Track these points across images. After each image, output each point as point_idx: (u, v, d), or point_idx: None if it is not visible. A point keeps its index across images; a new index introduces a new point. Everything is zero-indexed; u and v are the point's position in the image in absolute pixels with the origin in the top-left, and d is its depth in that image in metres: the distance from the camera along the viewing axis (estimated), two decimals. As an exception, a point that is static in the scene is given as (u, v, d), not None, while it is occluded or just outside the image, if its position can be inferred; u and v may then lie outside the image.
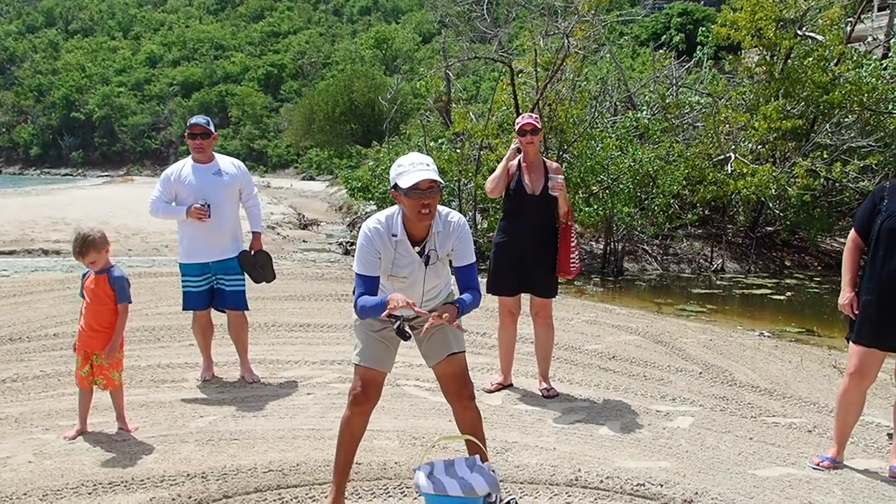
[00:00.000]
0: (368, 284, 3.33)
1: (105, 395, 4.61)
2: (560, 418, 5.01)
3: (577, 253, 5.47)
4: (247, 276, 5.62)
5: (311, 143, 53.84)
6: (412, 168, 3.22)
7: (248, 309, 5.69)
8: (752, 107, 15.59)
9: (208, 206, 5.34)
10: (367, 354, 3.43)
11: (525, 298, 5.60)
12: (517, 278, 5.42)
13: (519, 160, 5.48)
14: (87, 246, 4.33)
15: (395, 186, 3.26)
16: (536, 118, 5.48)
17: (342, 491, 3.48)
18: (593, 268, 13.80)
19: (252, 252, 5.62)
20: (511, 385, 5.65)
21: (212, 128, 5.54)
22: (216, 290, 5.56)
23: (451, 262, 3.52)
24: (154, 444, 4.31)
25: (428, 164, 3.24)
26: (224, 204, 5.47)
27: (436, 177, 3.20)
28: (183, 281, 5.56)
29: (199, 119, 5.54)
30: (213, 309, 5.65)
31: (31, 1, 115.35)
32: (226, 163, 5.62)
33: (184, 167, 5.51)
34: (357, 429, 3.44)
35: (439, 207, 3.39)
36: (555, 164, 5.54)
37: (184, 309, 5.62)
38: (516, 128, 5.44)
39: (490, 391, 5.52)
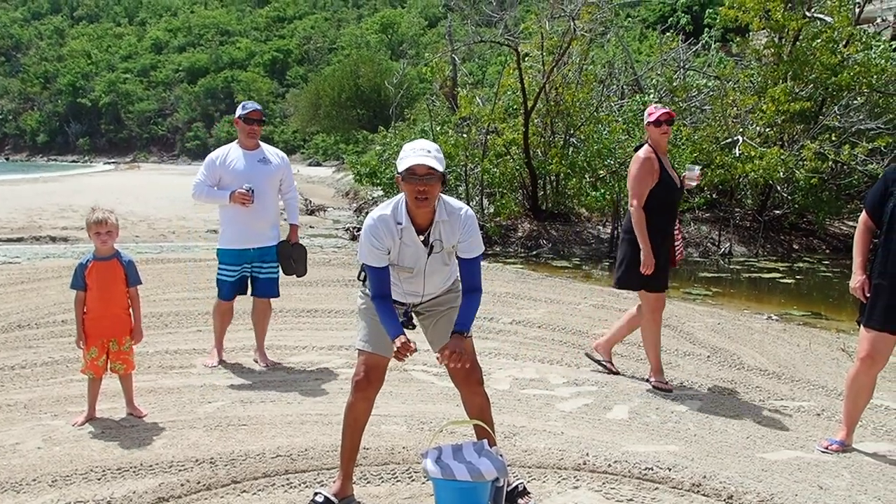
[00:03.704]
0: (380, 275, 3.32)
1: (113, 381, 4.63)
2: (567, 402, 5.01)
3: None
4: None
5: (318, 129, 53.73)
6: (412, 154, 3.19)
7: (278, 296, 5.69)
8: (760, 89, 15.48)
9: (252, 191, 5.32)
10: (369, 338, 3.42)
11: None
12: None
13: (655, 153, 5.23)
14: (107, 214, 4.38)
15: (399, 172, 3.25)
16: (670, 109, 5.34)
17: (350, 476, 3.49)
18: (600, 252, 13.77)
19: (290, 244, 5.60)
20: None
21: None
22: (252, 278, 5.57)
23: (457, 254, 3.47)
24: (162, 429, 4.33)
25: (429, 151, 3.20)
26: (267, 192, 5.47)
27: (434, 164, 3.15)
28: (219, 268, 5.55)
29: (256, 105, 5.52)
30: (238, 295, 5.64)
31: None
32: (271, 152, 5.63)
33: (230, 152, 5.49)
34: (361, 414, 3.43)
35: (451, 201, 3.37)
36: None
37: (219, 297, 5.61)
38: (651, 118, 5.23)
39: (662, 387, 5.38)
